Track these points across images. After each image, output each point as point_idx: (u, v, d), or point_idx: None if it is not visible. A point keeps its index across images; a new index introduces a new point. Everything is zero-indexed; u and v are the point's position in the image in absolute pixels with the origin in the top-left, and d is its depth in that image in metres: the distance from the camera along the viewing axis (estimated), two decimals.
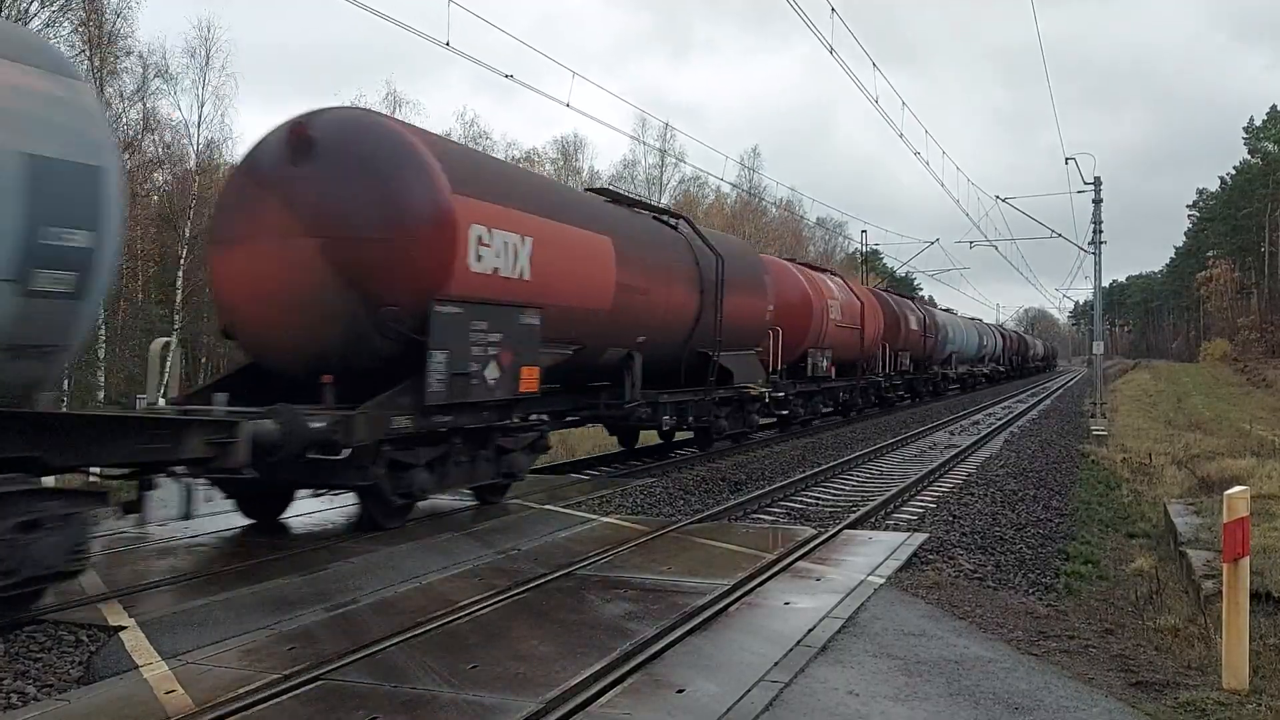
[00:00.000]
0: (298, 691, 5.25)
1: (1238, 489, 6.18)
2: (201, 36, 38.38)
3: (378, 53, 75.06)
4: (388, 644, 6.06)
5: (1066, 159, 29.46)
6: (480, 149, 48.61)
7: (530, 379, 10.93)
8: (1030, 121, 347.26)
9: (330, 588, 7.52)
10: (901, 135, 24.79)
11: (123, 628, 6.36)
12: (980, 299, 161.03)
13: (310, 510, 11.10)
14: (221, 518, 10.31)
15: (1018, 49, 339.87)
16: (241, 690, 5.20)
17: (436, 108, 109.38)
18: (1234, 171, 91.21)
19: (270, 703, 5.09)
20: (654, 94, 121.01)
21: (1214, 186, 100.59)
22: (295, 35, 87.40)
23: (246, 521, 10.22)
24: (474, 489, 11.31)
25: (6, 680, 5.51)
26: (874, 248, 66.71)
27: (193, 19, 77.28)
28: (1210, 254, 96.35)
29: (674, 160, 61.59)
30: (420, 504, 10.40)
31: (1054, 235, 34.92)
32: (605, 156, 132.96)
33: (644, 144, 58.99)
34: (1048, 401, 42.18)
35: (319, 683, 5.39)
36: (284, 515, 10.47)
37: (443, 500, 11.21)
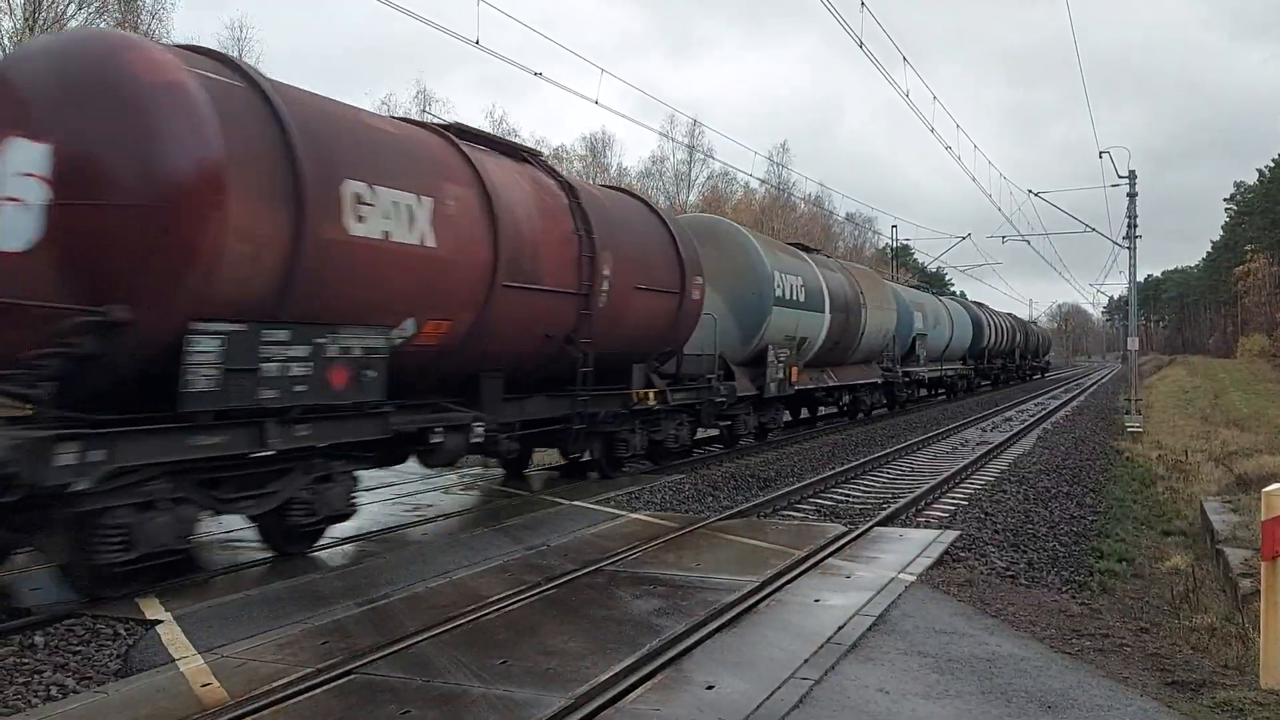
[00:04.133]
0: (331, 685, 5.30)
1: (1277, 485, 6.09)
2: (234, 36, 38.89)
3: (396, 52, 75.48)
4: (419, 639, 6.10)
5: (1101, 153, 29.07)
6: None
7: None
8: (1037, 119, 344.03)
9: (362, 582, 7.59)
10: (933, 130, 24.66)
11: (159, 621, 6.46)
12: (1013, 295, 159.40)
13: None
14: None
15: (1019, 47, 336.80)
16: (276, 683, 5.27)
17: (462, 106, 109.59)
18: (1272, 164, 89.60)
19: (304, 696, 5.15)
20: (655, 93, 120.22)
21: (1233, 180, 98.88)
22: (319, 35, 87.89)
23: None
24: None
25: (47, 673, 5.61)
26: (904, 243, 66.14)
27: (225, 19, 78.29)
28: (1248, 248, 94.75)
29: (702, 156, 61.51)
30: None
31: (1088, 230, 34.51)
32: (632, 153, 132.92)
33: (672, 140, 58.95)
34: (1079, 399, 41.72)
35: (352, 676, 5.44)
36: None
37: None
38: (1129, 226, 29.59)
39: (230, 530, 9.74)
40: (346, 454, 8.59)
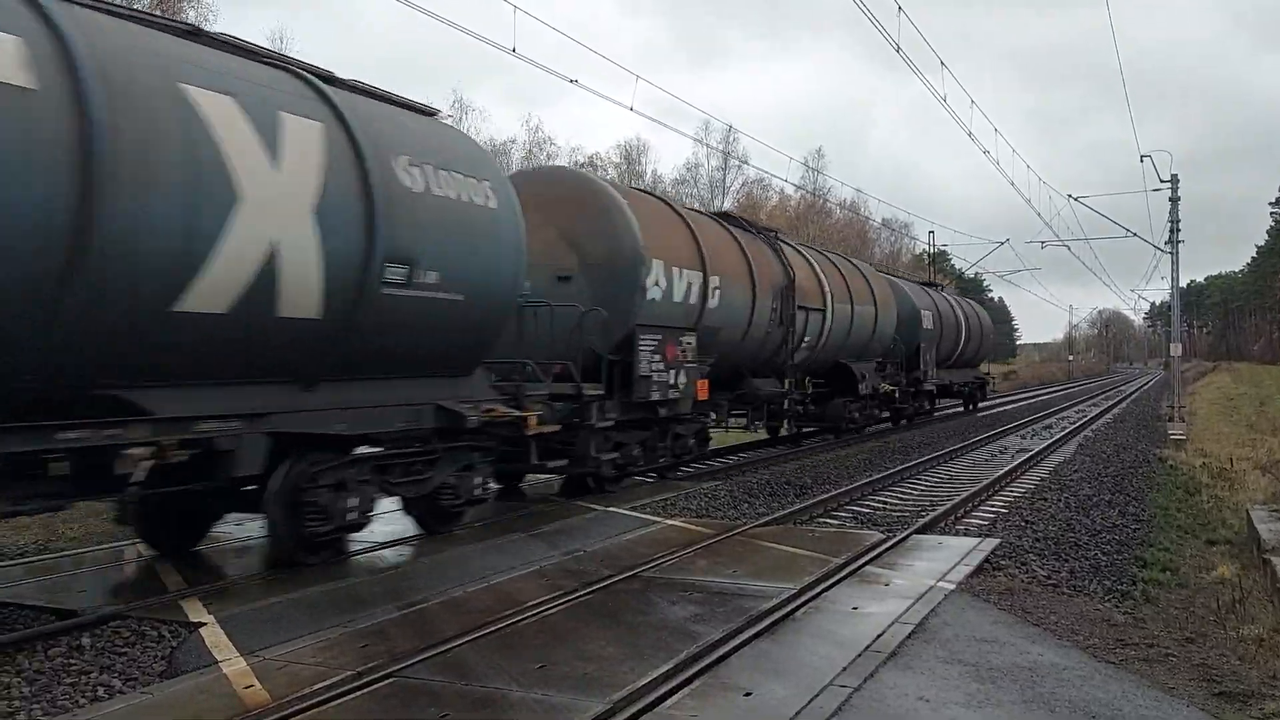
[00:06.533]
0: (372, 688, 5.35)
1: None
2: (274, 46, 39.44)
3: (429, 62, 76.30)
4: (457, 643, 6.14)
5: (1142, 156, 28.67)
6: (546, 155, 48.80)
7: None
8: (1059, 123, 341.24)
9: (401, 586, 7.65)
10: (971, 134, 24.46)
11: (202, 624, 6.55)
12: (1053, 301, 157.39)
13: (378, 511, 11.28)
14: None
15: (1036, 52, 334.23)
16: (318, 686, 5.32)
17: (497, 115, 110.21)
18: None
19: (345, 699, 5.19)
20: (678, 103, 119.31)
21: (1279, 185, 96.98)
22: (354, 45, 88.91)
23: None
24: None
25: (94, 674, 5.71)
26: (941, 248, 65.58)
27: (266, 31, 79.53)
28: None
29: (737, 163, 61.39)
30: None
31: (1129, 235, 34.05)
32: (667, 160, 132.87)
33: (707, 146, 58.88)
34: (1119, 408, 41.13)
35: (392, 680, 5.48)
36: None
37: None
38: (1171, 231, 29.16)
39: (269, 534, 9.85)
40: None
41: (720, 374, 15.26)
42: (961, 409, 33.33)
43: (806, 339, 18.51)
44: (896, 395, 23.36)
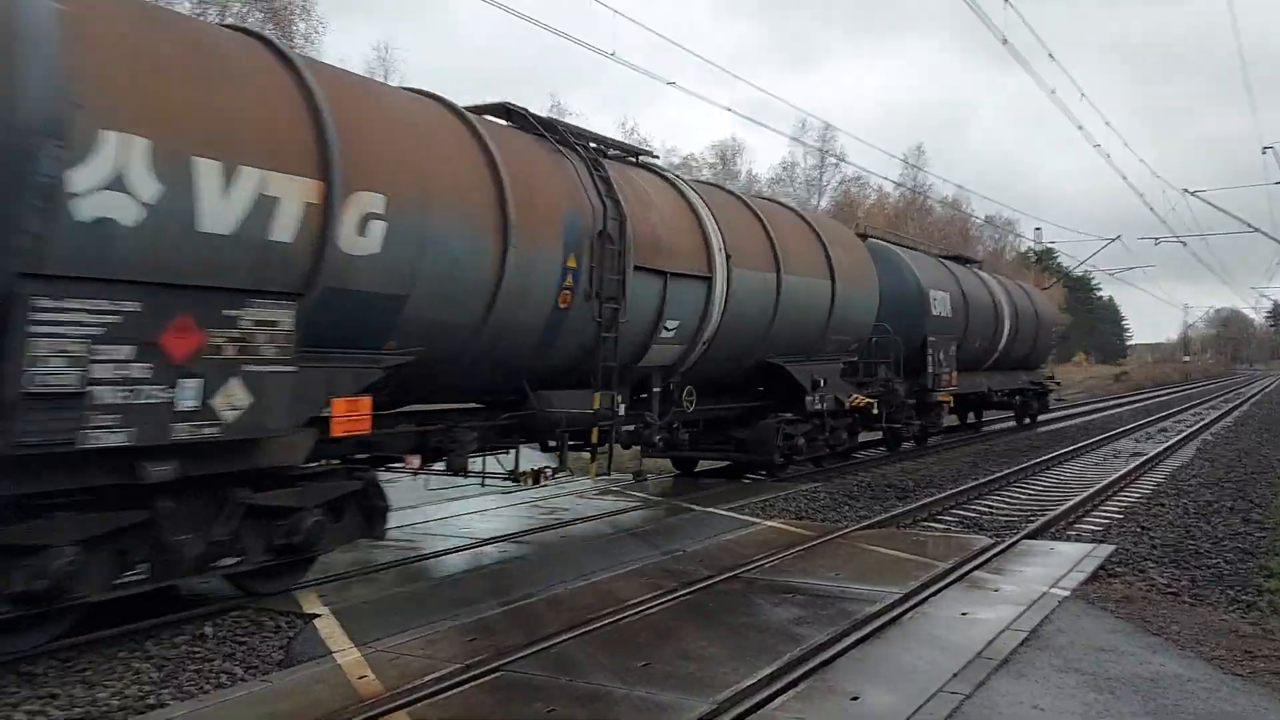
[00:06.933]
0: (479, 681, 5.44)
1: None
2: (380, 57, 40.65)
3: (523, 69, 77.34)
4: (561, 639, 6.20)
5: (1264, 148, 27.34)
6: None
7: None
8: (1171, 115, 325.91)
9: (504, 583, 7.77)
10: (1081, 128, 23.70)
11: (317, 615, 6.76)
12: (1165, 299, 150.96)
13: (482, 509, 11.49)
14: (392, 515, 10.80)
15: (1145, 43, 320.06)
16: (428, 678, 5.44)
17: (594, 119, 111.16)
18: None
19: (454, 691, 5.30)
20: (774, 102, 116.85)
21: None
22: (453, 52, 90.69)
23: (421, 519, 10.67)
24: None
25: (216, 661, 5.95)
26: (1048, 245, 63.55)
27: (373, 41, 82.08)
28: None
29: (834, 161, 60.63)
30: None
31: (1250, 230, 32.48)
32: (762, 160, 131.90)
33: (804, 145, 58.28)
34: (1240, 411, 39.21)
35: (498, 674, 5.57)
36: None
37: None
38: None
39: None
40: None
41: (490, 384, 9.34)
42: (1014, 423, 26.14)
43: (671, 324, 11.01)
44: (876, 410, 15.93)
